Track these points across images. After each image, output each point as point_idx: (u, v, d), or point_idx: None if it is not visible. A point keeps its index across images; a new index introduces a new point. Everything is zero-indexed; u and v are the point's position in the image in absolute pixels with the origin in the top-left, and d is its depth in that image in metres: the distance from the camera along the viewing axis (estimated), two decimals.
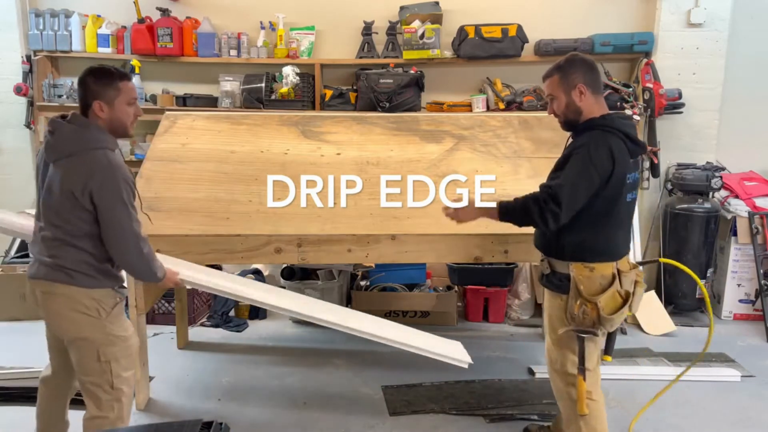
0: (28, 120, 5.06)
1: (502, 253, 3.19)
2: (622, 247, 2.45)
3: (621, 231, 2.44)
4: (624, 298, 2.37)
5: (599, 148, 2.30)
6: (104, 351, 2.32)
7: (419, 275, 4.62)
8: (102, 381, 2.34)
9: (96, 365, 2.32)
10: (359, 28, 4.95)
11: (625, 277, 2.39)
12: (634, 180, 2.41)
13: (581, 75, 2.40)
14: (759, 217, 4.53)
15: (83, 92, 2.30)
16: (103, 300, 2.32)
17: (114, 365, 2.34)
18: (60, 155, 2.24)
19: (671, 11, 4.73)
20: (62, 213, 2.24)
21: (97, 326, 2.31)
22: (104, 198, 2.20)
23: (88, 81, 2.29)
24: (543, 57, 4.82)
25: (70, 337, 2.33)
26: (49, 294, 2.29)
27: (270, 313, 4.68)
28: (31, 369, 3.51)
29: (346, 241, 3.18)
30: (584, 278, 2.36)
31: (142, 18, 4.88)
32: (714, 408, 3.26)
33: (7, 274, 4.55)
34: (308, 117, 4.13)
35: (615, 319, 2.36)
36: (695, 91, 4.74)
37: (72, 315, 2.28)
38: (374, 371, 3.70)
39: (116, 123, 2.31)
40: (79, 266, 2.26)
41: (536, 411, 3.19)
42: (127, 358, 2.41)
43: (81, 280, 2.27)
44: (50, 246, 2.27)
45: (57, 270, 2.26)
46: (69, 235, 2.24)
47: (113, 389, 2.36)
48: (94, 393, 2.35)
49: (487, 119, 4.05)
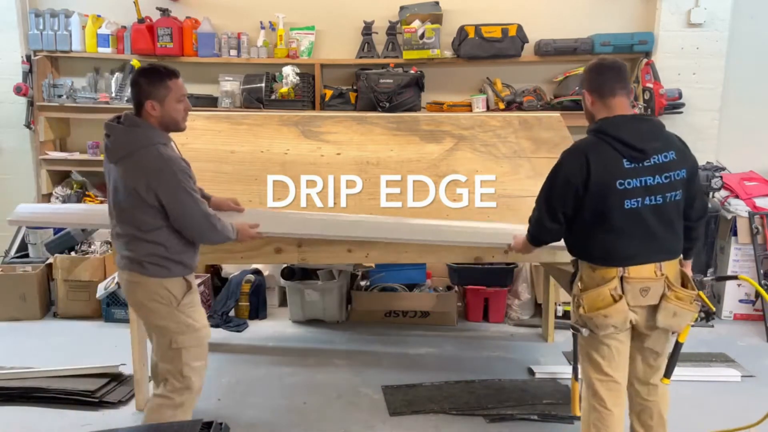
0: (28, 120, 5.06)
1: (502, 253, 3.19)
2: (629, 254, 2.30)
3: (622, 240, 2.30)
4: (616, 300, 2.29)
5: (567, 160, 2.34)
6: (176, 339, 2.45)
7: (419, 275, 4.61)
8: (173, 368, 2.47)
9: (169, 352, 2.46)
10: (359, 28, 4.95)
11: (629, 283, 2.29)
12: (638, 186, 2.26)
13: (587, 82, 2.40)
14: (759, 217, 4.53)
15: (136, 92, 2.41)
16: (173, 289, 2.44)
17: (184, 353, 2.46)
18: (118, 157, 2.38)
19: (671, 11, 4.73)
20: (130, 210, 2.38)
21: (169, 314, 2.44)
22: (167, 192, 2.34)
23: (140, 82, 2.41)
24: (543, 57, 4.82)
25: (149, 324, 2.51)
26: (130, 283, 2.46)
27: (270, 313, 4.69)
28: (31, 369, 3.52)
29: (346, 241, 3.17)
30: (586, 276, 2.38)
31: (142, 18, 4.88)
32: (714, 408, 3.26)
33: (7, 274, 4.55)
34: (308, 117, 4.12)
35: (596, 320, 2.30)
36: (695, 91, 4.75)
37: (149, 304, 2.44)
38: (374, 371, 3.70)
39: (168, 119, 2.43)
40: (151, 258, 2.40)
41: (536, 411, 3.19)
42: (198, 348, 2.52)
43: (154, 271, 2.41)
44: (125, 241, 2.43)
45: (133, 262, 2.41)
46: (139, 230, 2.38)
47: (183, 377, 2.48)
48: (166, 378, 2.49)
49: (487, 119, 4.05)
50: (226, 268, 4.91)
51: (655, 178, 2.27)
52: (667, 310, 2.30)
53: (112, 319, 4.44)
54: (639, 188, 2.27)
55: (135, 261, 2.41)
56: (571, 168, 2.30)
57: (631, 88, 2.42)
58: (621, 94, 2.32)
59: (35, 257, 4.80)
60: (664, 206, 2.30)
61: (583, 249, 2.41)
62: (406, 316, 4.49)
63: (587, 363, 2.44)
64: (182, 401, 2.49)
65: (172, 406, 2.47)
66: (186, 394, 2.49)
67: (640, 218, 2.28)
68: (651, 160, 2.27)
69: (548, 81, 5.03)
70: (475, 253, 3.19)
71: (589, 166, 2.25)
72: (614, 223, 2.29)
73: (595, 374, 2.40)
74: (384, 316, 4.51)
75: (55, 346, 4.04)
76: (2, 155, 5.19)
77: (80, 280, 4.50)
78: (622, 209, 2.27)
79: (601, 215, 2.29)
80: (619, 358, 2.39)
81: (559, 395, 3.36)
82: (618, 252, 2.31)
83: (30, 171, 5.17)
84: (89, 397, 3.24)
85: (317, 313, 4.49)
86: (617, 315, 2.29)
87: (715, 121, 4.80)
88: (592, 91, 2.36)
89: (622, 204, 2.27)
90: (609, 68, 2.36)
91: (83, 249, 4.66)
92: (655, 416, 2.52)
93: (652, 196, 2.28)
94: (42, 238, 4.74)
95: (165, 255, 2.41)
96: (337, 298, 4.46)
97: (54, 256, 4.60)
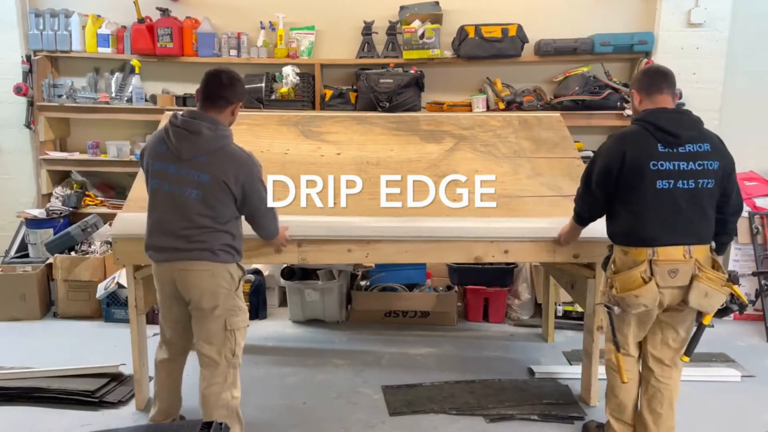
0: (28, 120, 5.06)
1: (502, 253, 3.19)
2: (657, 234, 2.48)
3: (652, 218, 2.49)
4: (645, 281, 2.47)
5: (610, 143, 2.61)
6: (231, 321, 2.63)
7: (419, 275, 4.61)
8: (226, 349, 2.63)
9: (223, 333, 2.62)
10: (359, 28, 4.95)
11: (658, 265, 2.47)
12: (671, 169, 2.46)
13: (637, 83, 2.68)
14: (759, 217, 4.53)
15: (232, 92, 2.59)
16: (235, 274, 2.65)
17: (237, 334, 2.66)
18: (206, 150, 2.52)
19: (671, 11, 4.73)
20: (211, 203, 2.52)
21: (229, 298, 2.62)
22: (251, 183, 2.57)
23: (238, 85, 2.63)
24: (543, 57, 4.82)
25: (208, 309, 2.59)
26: (199, 272, 2.56)
27: (270, 313, 4.69)
28: (31, 369, 3.52)
29: (346, 241, 3.17)
30: (618, 259, 2.59)
31: (142, 18, 4.87)
32: (714, 408, 3.26)
33: (7, 274, 4.55)
34: (308, 117, 4.13)
35: (627, 300, 2.50)
36: (695, 91, 4.74)
37: (216, 289, 2.58)
38: (374, 371, 3.70)
39: (233, 119, 2.67)
40: (223, 247, 2.57)
41: (536, 411, 3.19)
42: (245, 329, 2.72)
43: (224, 258, 2.58)
44: (197, 233, 2.53)
45: (206, 251, 2.54)
46: (216, 222, 2.54)
47: (234, 356, 2.66)
48: (215, 360, 2.63)
49: (487, 119, 4.06)
50: None
51: (688, 164, 2.47)
52: (699, 289, 2.47)
53: (112, 319, 4.44)
54: (672, 171, 2.47)
55: (208, 250, 2.55)
56: (611, 150, 2.56)
57: (677, 92, 2.70)
58: (667, 92, 2.57)
59: (35, 257, 4.80)
60: (696, 191, 2.48)
61: (617, 231, 2.61)
62: (406, 316, 4.50)
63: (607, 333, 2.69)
64: (234, 379, 2.68)
65: (227, 387, 2.65)
66: (233, 372, 2.67)
67: (672, 199, 2.48)
68: (685, 148, 2.47)
69: (548, 81, 5.03)
70: (475, 253, 3.19)
71: (627, 150, 2.50)
72: (646, 202, 2.49)
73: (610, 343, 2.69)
74: (384, 316, 4.51)
75: (55, 346, 4.04)
76: (2, 155, 5.19)
77: (80, 280, 4.50)
78: (654, 189, 2.48)
79: (634, 194, 2.52)
80: (631, 335, 2.66)
81: (559, 395, 3.36)
82: (647, 230, 2.50)
83: (30, 171, 5.17)
84: (89, 397, 3.24)
85: (317, 313, 4.50)
86: (647, 295, 2.48)
87: (715, 121, 4.79)
88: (640, 90, 2.62)
89: (654, 184, 2.47)
90: (657, 70, 2.67)
91: (83, 249, 4.66)
92: (665, 404, 2.67)
93: (685, 180, 2.47)
94: (42, 238, 4.74)
95: (232, 244, 2.61)
96: (337, 298, 4.46)
97: (54, 256, 4.60)
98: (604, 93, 4.72)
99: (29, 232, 4.83)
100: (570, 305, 4.38)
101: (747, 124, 4.90)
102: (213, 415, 2.60)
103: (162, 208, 2.58)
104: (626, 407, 2.75)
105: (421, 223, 3.22)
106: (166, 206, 2.56)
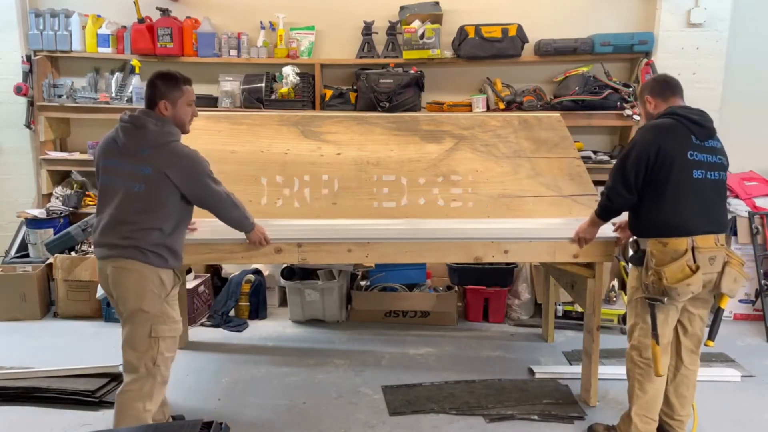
0: (28, 120, 5.06)
1: (502, 253, 3.19)
2: (695, 223, 2.59)
3: (690, 206, 2.58)
4: (693, 271, 2.54)
5: (643, 135, 2.66)
6: (156, 328, 2.55)
7: (419, 275, 4.62)
8: (147, 356, 2.55)
9: (146, 341, 2.54)
10: (359, 28, 4.95)
11: (700, 253, 2.56)
12: (702, 161, 2.60)
13: (649, 89, 2.81)
14: (759, 217, 4.53)
15: (152, 92, 2.61)
16: (167, 279, 2.58)
17: (161, 343, 2.57)
18: (149, 145, 2.53)
19: (671, 11, 4.73)
20: (149, 197, 2.51)
21: (157, 304, 2.55)
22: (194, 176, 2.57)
23: (157, 83, 2.61)
24: (543, 57, 4.82)
25: (132, 311, 2.53)
26: (124, 270, 2.52)
27: (270, 313, 4.69)
28: (31, 369, 3.52)
29: (346, 241, 3.17)
30: (657, 252, 2.62)
31: (142, 18, 4.88)
32: (714, 408, 3.26)
33: (7, 274, 4.55)
34: (308, 117, 4.13)
35: (679, 289, 2.55)
36: (695, 91, 4.72)
37: (140, 291, 2.52)
38: (374, 371, 3.70)
39: (177, 120, 2.64)
40: (154, 247, 2.53)
41: (536, 411, 3.19)
42: (173, 339, 2.64)
43: (154, 260, 2.53)
44: (130, 230, 2.51)
45: (133, 250, 2.50)
46: (152, 218, 2.52)
47: (154, 365, 2.56)
48: (135, 366, 2.55)
49: (487, 119, 4.06)
50: (226, 268, 4.91)
51: (712, 156, 2.65)
52: (730, 275, 2.62)
53: (112, 319, 4.43)
54: (703, 162, 2.62)
55: (136, 249, 2.51)
56: (647, 139, 2.63)
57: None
58: (679, 96, 2.76)
59: (35, 257, 4.81)
60: (719, 182, 2.66)
61: (652, 224, 2.65)
62: (406, 316, 4.50)
63: (640, 326, 2.72)
64: (151, 391, 2.57)
65: (141, 397, 2.55)
66: (151, 382, 2.57)
67: (704, 189, 2.61)
68: (708, 142, 2.65)
69: (548, 81, 5.03)
70: (475, 253, 3.19)
71: (663, 139, 2.59)
72: (684, 191, 2.59)
73: (646, 338, 2.71)
74: (384, 316, 4.51)
75: (55, 346, 4.04)
76: (2, 155, 5.19)
77: (80, 280, 4.51)
78: (691, 178, 2.59)
79: (671, 184, 2.58)
80: (668, 329, 2.70)
81: (559, 395, 3.36)
82: (687, 220, 2.59)
83: (30, 171, 5.17)
84: (89, 397, 3.23)
85: (317, 313, 4.50)
86: (697, 282, 2.56)
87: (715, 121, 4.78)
88: (655, 95, 2.76)
89: (691, 173, 2.59)
90: (666, 77, 2.84)
91: (83, 249, 4.66)
92: (690, 387, 2.83)
93: (712, 172, 2.63)
94: (42, 238, 4.74)
95: (166, 245, 2.55)
96: (337, 298, 4.46)
97: (54, 256, 4.60)
98: (604, 93, 4.72)
99: (29, 232, 4.83)
100: (570, 305, 4.38)
101: (747, 124, 4.90)
102: (120, 424, 2.51)
103: (109, 204, 2.57)
104: (656, 402, 2.77)
105: (421, 223, 3.23)
106: (113, 202, 2.56)
